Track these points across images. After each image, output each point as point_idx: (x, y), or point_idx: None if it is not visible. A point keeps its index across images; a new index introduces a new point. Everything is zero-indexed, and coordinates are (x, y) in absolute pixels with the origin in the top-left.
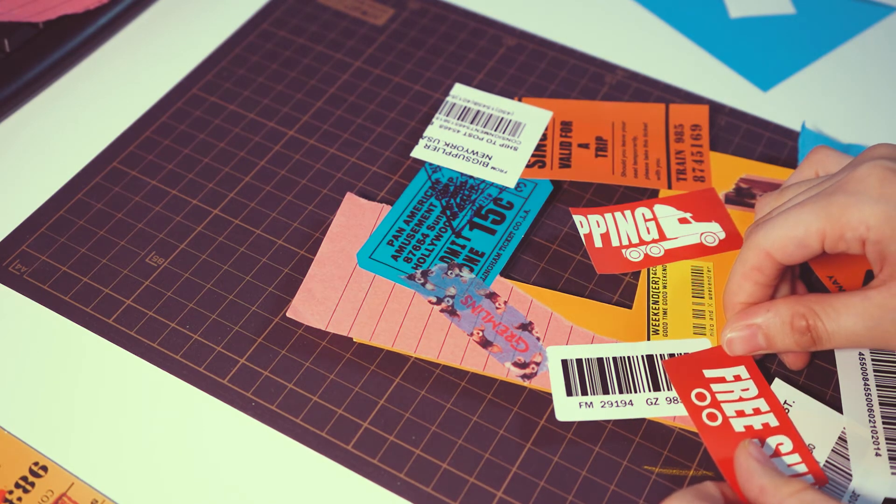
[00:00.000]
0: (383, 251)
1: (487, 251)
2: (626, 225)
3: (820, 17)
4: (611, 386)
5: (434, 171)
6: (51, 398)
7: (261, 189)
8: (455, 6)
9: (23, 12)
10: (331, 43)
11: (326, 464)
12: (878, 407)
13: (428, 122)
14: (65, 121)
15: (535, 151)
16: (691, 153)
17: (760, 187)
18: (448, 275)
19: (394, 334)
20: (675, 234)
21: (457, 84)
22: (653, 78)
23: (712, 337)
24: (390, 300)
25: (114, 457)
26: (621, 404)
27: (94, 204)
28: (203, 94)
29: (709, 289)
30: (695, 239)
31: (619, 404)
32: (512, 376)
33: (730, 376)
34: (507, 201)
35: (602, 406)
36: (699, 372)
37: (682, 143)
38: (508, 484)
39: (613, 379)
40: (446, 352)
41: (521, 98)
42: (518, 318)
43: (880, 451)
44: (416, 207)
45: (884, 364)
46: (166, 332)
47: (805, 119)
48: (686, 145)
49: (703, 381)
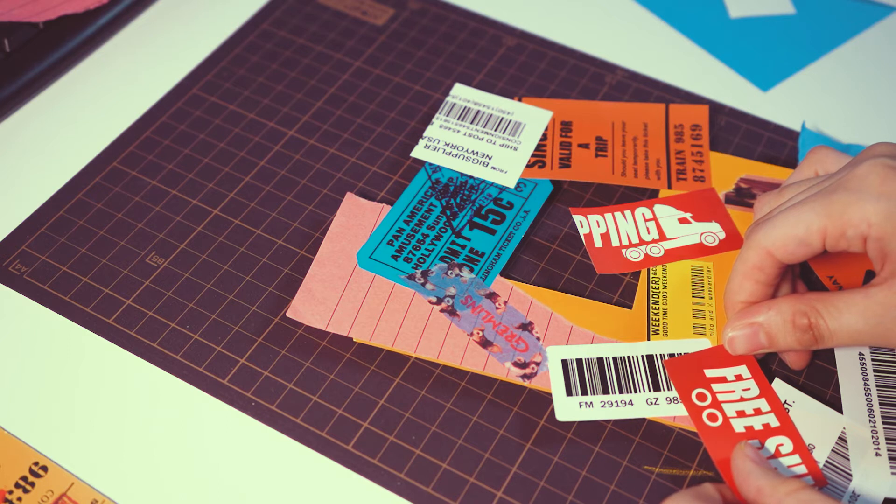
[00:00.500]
0: (383, 251)
1: (487, 251)
2: (626, 225)
3: (820, 17)
4: (611, 386)
5: (434, 171)
6: (51, 398)
7: (261, 189)
8: (455, 6)
9: (23, 12)
10: (331, 43)
11: (326, 464)
12: (878, 407)
13: (428, 122)
14: (65, 121)
15: (535, 151)
16: (691, 153)
17: (760, 187)
18: (448, 275)
19: (394, 334)
20: (676, 234)
21: (457, 84)
22: (653, 78)
23: (712, 337)
24: (390, 300)
25: (114, 457)
26: (621, 404)
27: (94, 204)
28: (203, 94)
29: (709, 289)
30: (695, 239)
31: (619, 404)
32: (512, 376)
33: (731, 376)
34: (507, 201)
35: (602, 406)
36: (700, 372)
37: (682, 143)
38: (508, 484)
39: (613, 379)
40: (446, 352)
41: (521, 98)
42: (518, 318)
43: (880, 451)
44: (416, 207)
45: (884, 364)
46: (166, 332)
47: (805, 119)
48: (686, 145)
49: (704, 380)
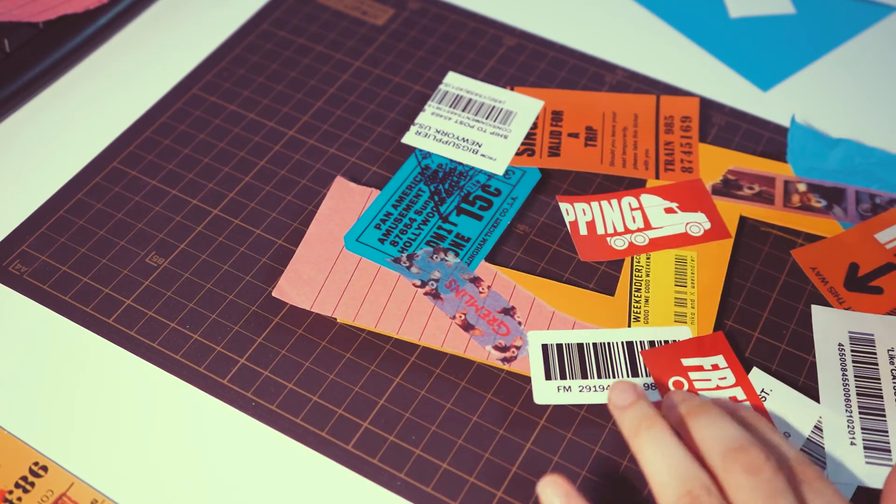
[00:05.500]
0: (370, 234)
1: (473, 236)
2: (612, 213)
3: (820, 17)
4: (590, 371)
5: (424, 157)
6: (51, 398)
7: (261, 189)
8: (455, 6)
9: (23, 12)
10: (331, 43)
11: (326, 464)
12: (856, 397)
13: None
14: (65, 121)
15: (524, 140)
16: (680, 144)
17: (748, 179)
18: (433, 259)
19: (377, 316)
20: (661, 224)
21: (450, 72)
22: (652, 77)
23: (693, 325)
24: (375, 282)
25: (114, 457)
26: (599, 389)
27: (94, 204)
28: (203, 94)
29: (692, 278)
30: (680, 228)
31: (597, 389)
32: (492, 359)
33: (708, 365)
34: (494, 188)
35: (580, 390)
36: (677, 360)
37: (671, 135)
38: (508, 484)
39: (593, 364)
40: (428, 334)
41: (513, 87)
42: (501, 303)
43: (855, 441)
44: (405, 192)
45: (864, 355)
46: (166, 332)
47: (805, 119)
48: (675, 136)
49: (680, 369)
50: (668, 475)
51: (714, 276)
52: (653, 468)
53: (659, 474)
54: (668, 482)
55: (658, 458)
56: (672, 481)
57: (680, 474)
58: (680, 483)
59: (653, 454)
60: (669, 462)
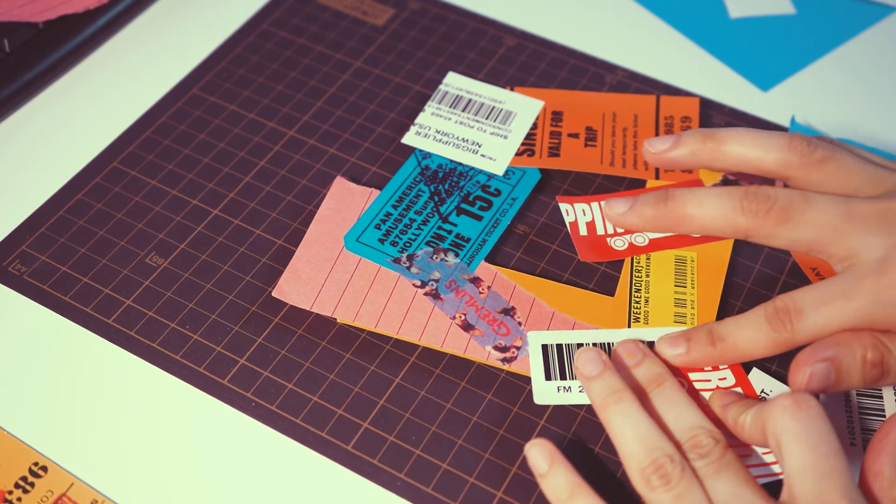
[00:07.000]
0: (370, 234)
1: (473, 237)
2: None
3: (820, 17)
4: None
5: (424, 157)
6: (51, 398)
7: (261, 189)
8: (455, 6)
9: (23, 12)
10: (331, 43)
11: (326, 464)
12: (856, 397)
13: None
14: (65, 121)
15: (524, 140)
16: None
17: (747, 179)
18: (433, 259)
19: (377, 316)
20: None
21: (450, 73)
22: (652, 78)
23: (693, 326)
24: (375, 283)
25: (114, 457)
26: None
27: (94, 204)
28: (203, 94)
29: (691, 278)
30: None
31: None
32: (492, 359)
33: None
34: (494, 188)
35: (580, 391)
36: None
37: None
38: (508, 484)
39: None
40: (428, 334)
41: (514, 88)
42: (500, 303)
43: (855, 441)
44: (405, 193)
45: None
46: (166, 332)
47: (805, 119)
48: None
49: (680, 370)
50: (635, 445)
51: (714, 276)
52: (621, 440)
53: (628, 445)
54: (635, 452)
55: (626, 431)
56: (640, 451)
57: (646, 445)
58: (646, 453)
59: (620, 426)
60: (636, 433)
